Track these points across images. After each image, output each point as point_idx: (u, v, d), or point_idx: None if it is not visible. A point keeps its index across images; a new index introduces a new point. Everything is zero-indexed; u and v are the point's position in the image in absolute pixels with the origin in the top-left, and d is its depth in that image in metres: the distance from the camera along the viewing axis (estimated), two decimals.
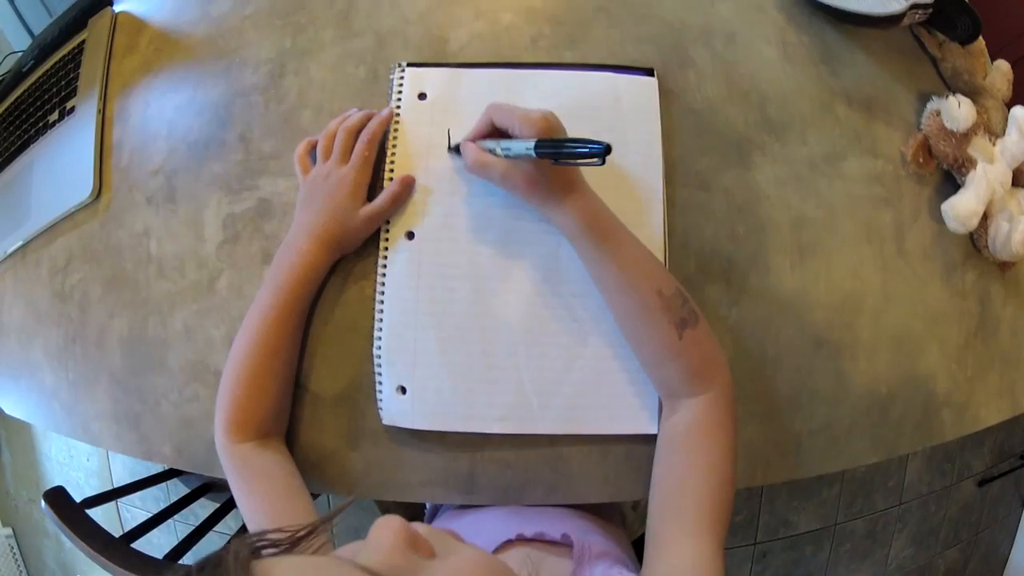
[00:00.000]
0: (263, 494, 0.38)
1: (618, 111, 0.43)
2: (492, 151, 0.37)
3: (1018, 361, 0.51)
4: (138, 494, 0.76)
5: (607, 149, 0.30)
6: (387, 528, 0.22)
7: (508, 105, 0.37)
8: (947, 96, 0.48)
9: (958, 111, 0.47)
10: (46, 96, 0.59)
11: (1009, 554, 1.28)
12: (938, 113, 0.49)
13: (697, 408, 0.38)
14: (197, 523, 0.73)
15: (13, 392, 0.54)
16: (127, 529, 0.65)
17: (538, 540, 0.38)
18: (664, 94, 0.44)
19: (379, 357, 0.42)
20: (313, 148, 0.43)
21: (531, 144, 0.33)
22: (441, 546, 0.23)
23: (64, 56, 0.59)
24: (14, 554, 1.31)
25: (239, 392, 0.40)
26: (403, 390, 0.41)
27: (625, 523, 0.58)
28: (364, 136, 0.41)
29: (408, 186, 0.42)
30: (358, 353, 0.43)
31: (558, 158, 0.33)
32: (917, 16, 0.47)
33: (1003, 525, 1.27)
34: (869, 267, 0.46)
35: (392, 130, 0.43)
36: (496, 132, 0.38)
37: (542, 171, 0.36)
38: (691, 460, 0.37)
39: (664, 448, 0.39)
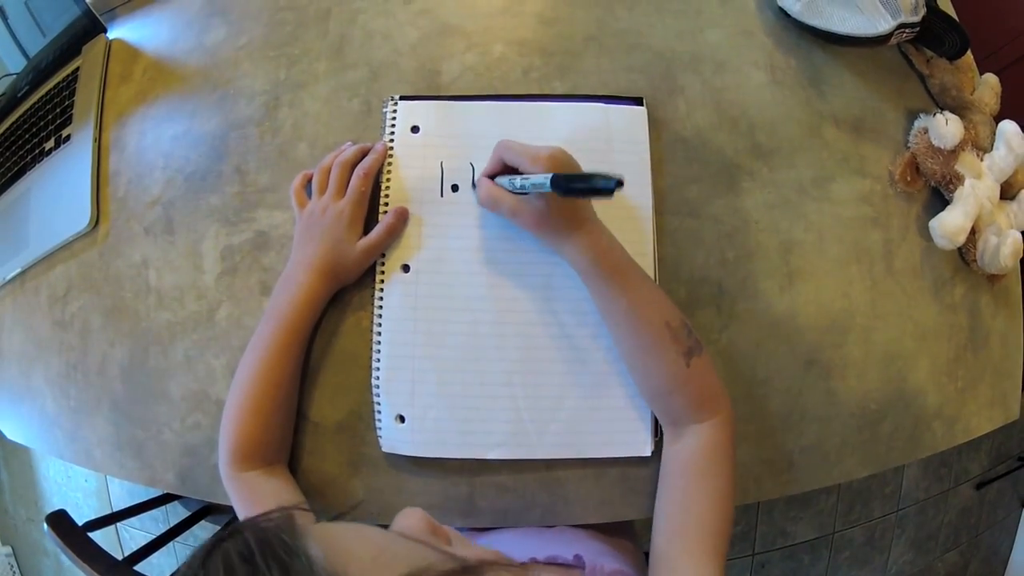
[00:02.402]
0: None
1: (608, 141, 0.44)
2: (511, 184, 0.38)
3: (1009, 370, 0.52)
4: (136, 516, 0.77)
5: (619, 183, 0.31)
6: (412, 512, 0.25)
7: (517, 143, 0.38)
8: (935, 114, 0.49)
9: (945, 129, 0.48)
10: (41, 123, 0.59)
11: (1010, 555, 1.28)
12: (925, 131, 0.49)
13: (703, 434, 0.39)
14: (198, 545, 0.73)
15: (14, 417, 0.55)
16: (126, 550, 0.65)
17: (551, 564, 0.38)
18: (654, 123, 0.45)
19: (378, 387, 0.42)
20: (309, 181, 0.44)
21: (546, 178, 0.34)
22: (455, 538, 0.26)
23: (59, 83, 0.59)
24: (14, 573, 1.31)
25: (243, 423, 0.40)
26: (402, 419, 0.42)
27: (635, 535, 0.59)
28: (360, 171, 0.42)
29: (403, 217, 0.42)
30: (357, 383, 0.43)
31: (570, 192, 0.34)
32: (905, 35, 0.47)
33: (1002, 526, 1.28)
34: (859, 287, 0.47)
35: (386, 163, 0.44)
36: (507, 169, 0.39)
37: (550, 208, 0.37)
38: (697, 484, 0.38)
39: (670, 472, 0.40)
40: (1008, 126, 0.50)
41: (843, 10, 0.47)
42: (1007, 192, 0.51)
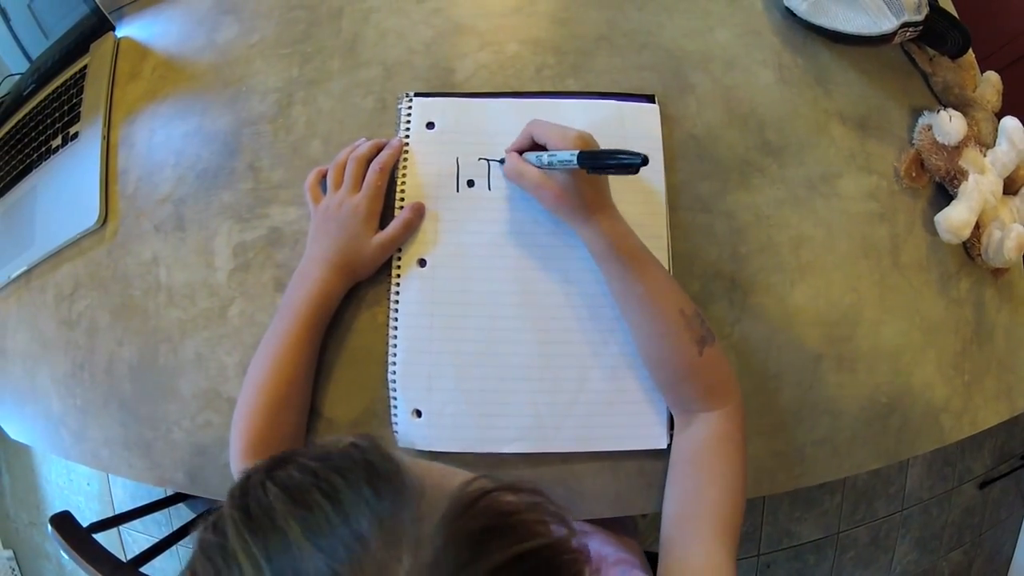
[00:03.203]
0: None
1: (622, 138, 0.44)
2: (539, 159, 0.39)
3: (1014, 364, 0.53)
4: (139, 518, 0.76)
5: (644, 160, 0.32)
6: None
7: (547, 122, 0.39)
8: (938, 111, 0.50)
9: (949, 125, 0.48)
10: (48, 121, 0.59)
11: (1013, 554, 1.29)
12: (930, 128, 0.50)
13: (713, 422, 0.39)
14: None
15: (18, 417, 0.54)
16: (129, 553, 0.65)
17: None
18: (665, 120, 0.45)
19: (394, 382, 0.42)
20: (323, 177, 0.44)
21: (573, 154, 0.35)
22: None
23: (66, 81, 0.59)
24: None
25: (256, 419, 0.40)
26: (419, 413, 0.42)
27: (638, 531, 0.59)
28: (375, 165, 0.42)
29: (419, 212, 0.43)
30: (372, 379, 0.43)
31: (596, 168, 0.34)
32: (908, 34, 0.48)
33: (1006, 526, 1.28)
34: (866, 281, 0.47)
35: (401, 159, 0.44)
36: (535, 147, 0.40)
37: (573, 185, 0.38)
38: (707, 471, 0.38)
39: (680, 460, 0.40)
40: (1010, 122, 0.51)
41: (848, 10, 0.48)
42: (1010, 187, 0.52)
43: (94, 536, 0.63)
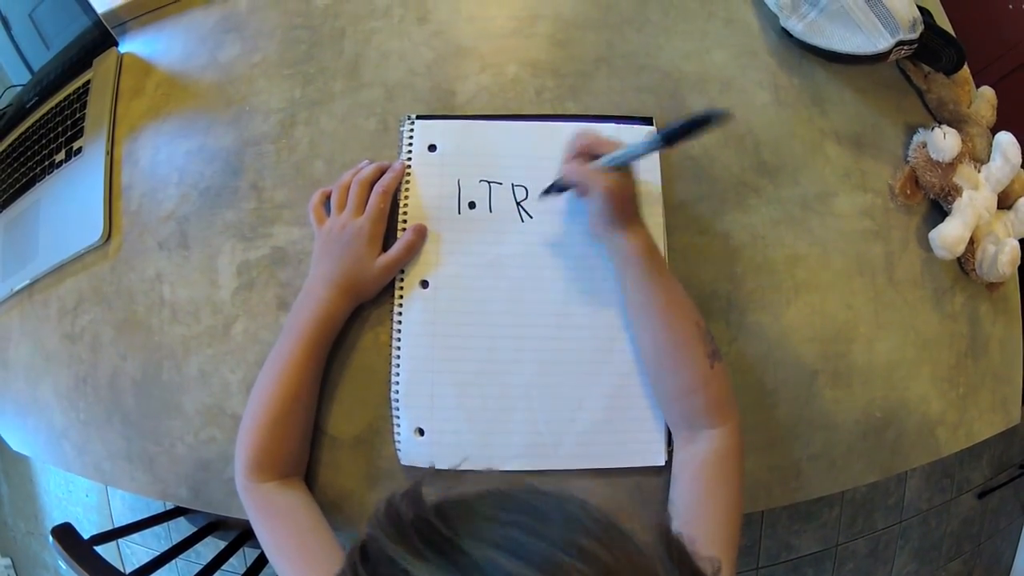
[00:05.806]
0: (288, 531, 0.39)
1: None
2: (612, 160, 0.39)
3: (1008, 376, 0.53)
4: (139, 532, 0.76)
5: (726, 113, 0.33)
6: None
7: (594, 132, 0.40)
8: (932, 128, 0.50)
9: (943, 142, 0.49)
10: (51, 135, 0.59)
11: (1012, 563, 1.29)
12: (924, 145, 0.50)
13: (718, 438, 0.40)
14: (201, 563, 0.72)
15: (20, 429, 0.55)
16: (128, 566, 0.64)
17: None
18: None
19: (397, 401, 0.43)
20: (327, 199, 0.44)
21: (651, 139, 0.35)
22: None
23: (69, 95, 0.59)
24: None
25: (261, 436, 0.41)
26: (421, 432, 0.43)
27: None
28: (379, 188, 0.43)
29: (422, 235, 0.43)
30: (374, 397, 0.44)
31: (684, 135, 0.35)
32: (903, 51, 0.49)
33: (1005, 535, 1.28)
34: (861, 298, 0.48)
35: (404, 181, 0.44)
36: (585, 156, 0.41)
37: (632, 189, 0.39)
38: (713, 487, 0.39)
39: (683, 475, 0.40)
40: (1004, 137, 0.51)
41: (844, 29, 0.48)
42: (1004, 202, 0.53)
43: (95, 548, 0.63)
